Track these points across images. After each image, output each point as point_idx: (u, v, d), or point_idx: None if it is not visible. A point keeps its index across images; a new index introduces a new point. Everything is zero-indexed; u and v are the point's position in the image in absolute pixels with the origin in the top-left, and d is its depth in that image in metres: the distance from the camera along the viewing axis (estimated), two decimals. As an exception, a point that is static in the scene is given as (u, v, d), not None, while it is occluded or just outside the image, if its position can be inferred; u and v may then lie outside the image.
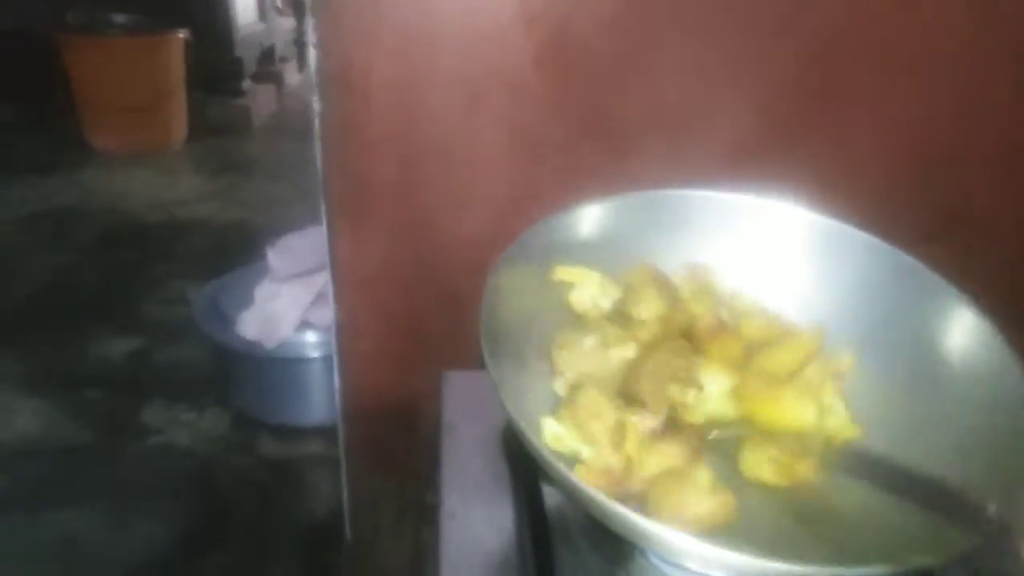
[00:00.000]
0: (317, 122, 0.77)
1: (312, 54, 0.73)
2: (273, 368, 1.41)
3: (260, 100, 3.67)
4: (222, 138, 3.47)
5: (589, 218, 0.59)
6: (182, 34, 3.16)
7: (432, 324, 0.85)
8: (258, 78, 3.74)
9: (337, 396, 0.95)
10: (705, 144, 0.76)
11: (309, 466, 1.38)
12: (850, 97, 0.77)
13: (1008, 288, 0.68)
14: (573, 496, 0.46)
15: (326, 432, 1.32)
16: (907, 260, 0.54)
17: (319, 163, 0.78)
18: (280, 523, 1.29)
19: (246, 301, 1.43)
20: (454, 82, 0.74)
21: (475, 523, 0.57)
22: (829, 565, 0.41)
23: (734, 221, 0.60)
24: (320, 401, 1.44)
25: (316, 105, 0.76)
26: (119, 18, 3.14)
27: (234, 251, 2.00)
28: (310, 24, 0.71)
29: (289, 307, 1.35)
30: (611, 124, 0.77)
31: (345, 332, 0.89)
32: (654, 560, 0.52)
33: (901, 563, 0.40)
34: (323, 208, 0.80)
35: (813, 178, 0.70)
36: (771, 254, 0.59)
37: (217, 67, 3.45)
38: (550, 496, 0.56)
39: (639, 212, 0.60)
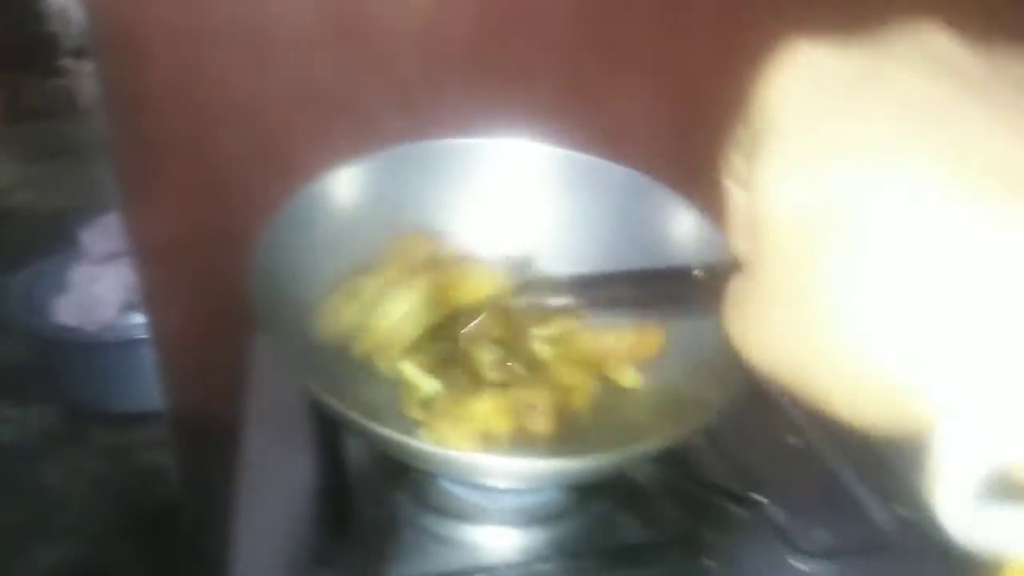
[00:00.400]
0: (96, 84, 0.73)
1: (80, 10, 0.70)
2: (99, 353, 1.35)
3: (86, 79, 3.42)
4: (43, 121, 3.20)
5: (354, 177, 0.60)
6: (-23, 8, 2.89)
7: (239, 287, 0.83)
8: (82, 55, 3.47)
9: (157, 372, 0.92)
10: (495, 97, 0.78)
11: (146, 451, 1.33)
12: (625, 49, 0.80)
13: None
14: (357, 431, 0.48)
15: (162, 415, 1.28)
16: (644, 181, 0.59)
17: (103, 128, 0.75)
18: (116, 512, 1.25)
19: (63, 287, 1.35)
20: (238, 37, 0.73)
21: (277, 473, 0.58)
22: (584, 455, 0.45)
23: (496, 165, 0.63)
24: (155, 383, 1.39)
25: (92, 65, 0.73)
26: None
27: (57, 240, 1.88)
28: (73, -22, 0.68)
29: (110, 288, 1.29)
30: (402, 81, 0.77)
31: (154, 303, 0.87)
32: (448, 485, 0.55)
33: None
34: (113, 175, 0.77)
35: (597, 128, 0.74)
36: (531, 193, 0.63)
37: (27, 44, 3.18)
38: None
39: (404, 166, 0.62)
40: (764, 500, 0.56)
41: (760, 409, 0.60)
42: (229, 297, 0.84)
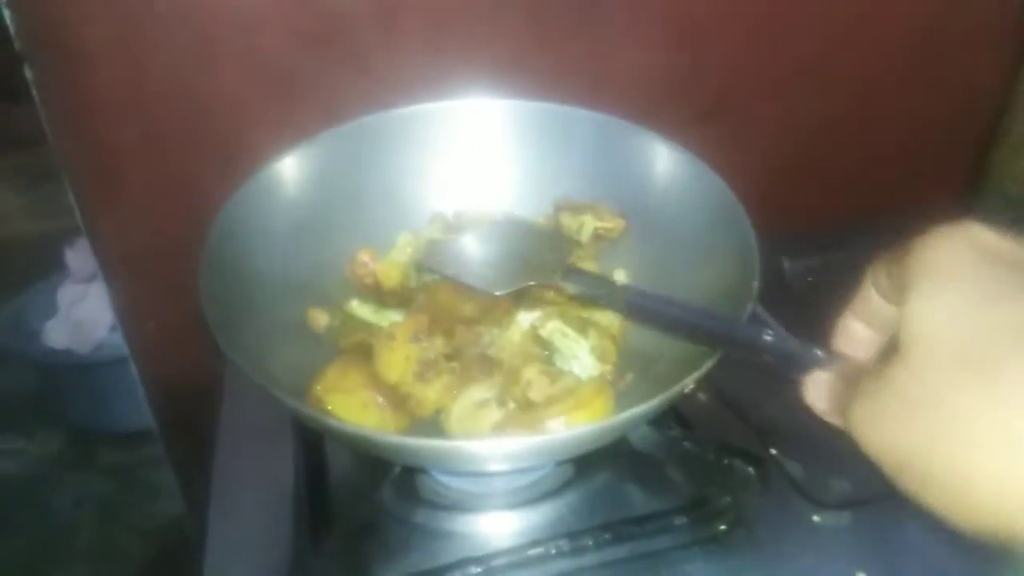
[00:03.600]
0: (35, 92, 0.70)
1: (6, 16, 0.66)
2: (96, 374, 1.32)
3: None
4: (35, 148, 3.18)
5: (308, 158, 0.57)
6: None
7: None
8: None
9: (142, 387, 0.89)
10: (469, 56, 0.74)
11: (152, 469, 1.30)
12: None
13: (763, 169, 0.71)
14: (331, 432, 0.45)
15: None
16: (625, 125, 0.55)
17: (48, 136, 0.71)
18: (126, 533, 1.22)
19: (53, 311, 1.32)
20: (179, 24, 0.69)
21: (253, 476, 0.54)
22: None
23: (461, 126, 0.59)
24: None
25: (28, 73, 0.69)
26: None
27: (48, 264, 1.85)
28: (-6, -18, 0.64)
29: (97, 307, 1.26)
30: (359, 49, 0.73)
31: (128, 315, 0.84)
32: (435, 475, 0.51)
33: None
34: (67, 185, 0.74)
35: (582, 79, 0.70)
36: (504, 149, 0.59)
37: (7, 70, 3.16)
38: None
39: (363, 140, 0.58)
40: (776, 454, 0.52)
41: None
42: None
